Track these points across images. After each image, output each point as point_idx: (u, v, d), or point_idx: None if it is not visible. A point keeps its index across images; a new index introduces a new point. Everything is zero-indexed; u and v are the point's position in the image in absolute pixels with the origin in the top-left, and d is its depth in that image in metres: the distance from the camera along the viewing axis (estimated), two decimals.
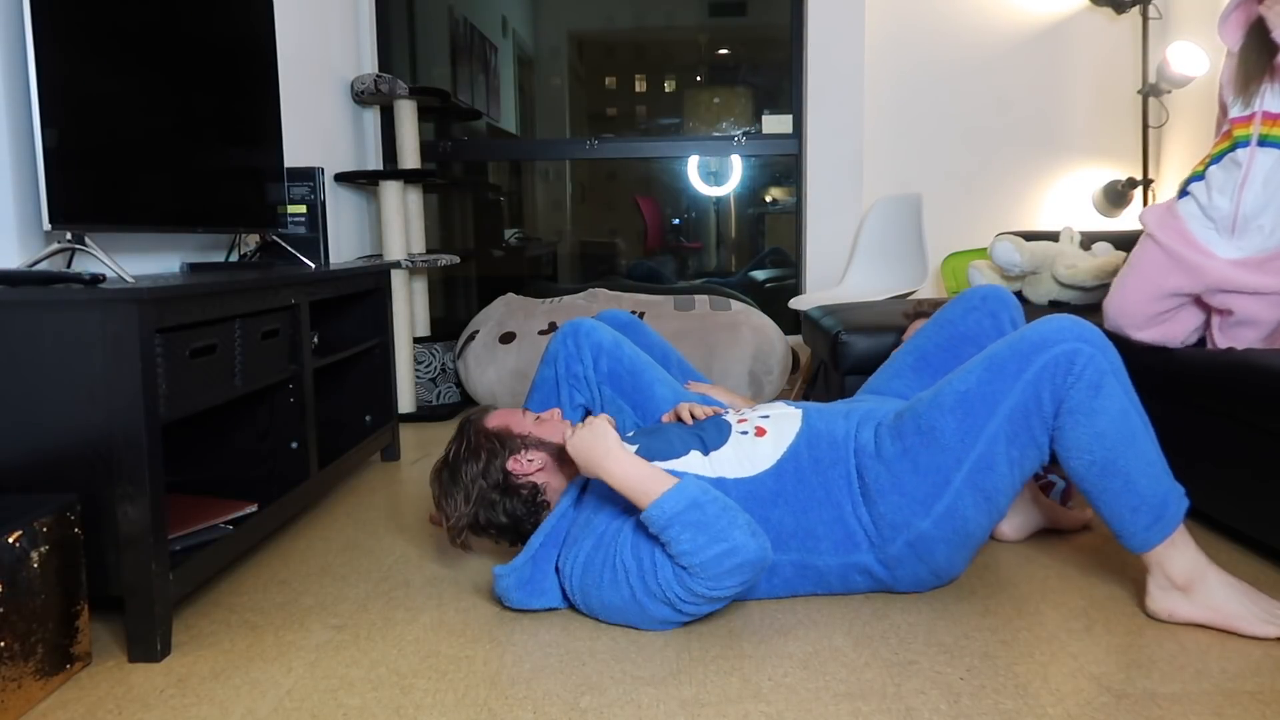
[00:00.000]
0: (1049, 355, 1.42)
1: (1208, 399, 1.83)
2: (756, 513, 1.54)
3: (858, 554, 1.53)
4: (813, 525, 1.53)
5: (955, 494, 1.47)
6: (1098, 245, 2.80)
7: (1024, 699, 1.26)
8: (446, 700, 1.29)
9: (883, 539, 1.51)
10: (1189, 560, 1.46)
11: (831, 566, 1.55)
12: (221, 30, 2.09)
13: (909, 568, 1.53)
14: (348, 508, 2.21)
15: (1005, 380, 1.44)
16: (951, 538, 1.50)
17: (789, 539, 1.54)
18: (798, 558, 1.55)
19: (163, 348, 1.47)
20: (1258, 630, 1.40)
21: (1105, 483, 1.43)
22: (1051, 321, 1.46)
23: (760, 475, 1.56)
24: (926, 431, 1.48)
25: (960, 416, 1.46)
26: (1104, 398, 1.40)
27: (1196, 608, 1.45)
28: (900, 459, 1.50)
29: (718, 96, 4.13)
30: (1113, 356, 1.44)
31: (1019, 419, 1.44)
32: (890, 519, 1.50)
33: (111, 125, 1.72)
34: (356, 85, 3.31)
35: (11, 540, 1.24)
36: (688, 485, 1.40)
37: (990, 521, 1.51)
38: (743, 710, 1.24)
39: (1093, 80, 3.61)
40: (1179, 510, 1.45)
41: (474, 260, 4.17)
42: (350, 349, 2.36)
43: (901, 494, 1.49)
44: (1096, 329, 1.45)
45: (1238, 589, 1.45)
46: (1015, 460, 1.46)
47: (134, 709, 1.28)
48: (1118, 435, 1.41)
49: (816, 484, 1.54)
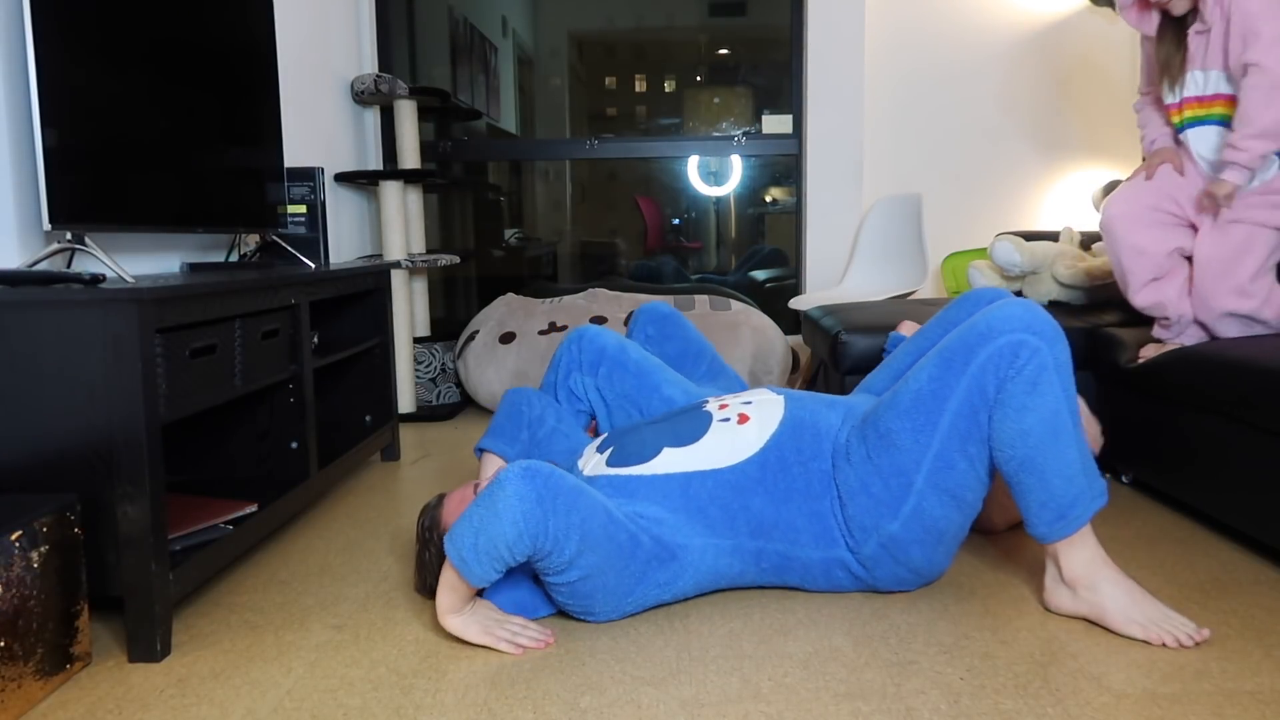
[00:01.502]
0: (994, 346, 1.41)
1: (1208, 399, 1.83)
2: (737, 501, 1.54)
3: (837, 549, 1.54)
4: (793, 517, 1.54)
5: (919, 495, 1.47)
6: (1098, 245, 2.80)
7: (1024, 699, 1.26)
8: (446, 700, 1.29)
9: (855, 540, 1.52)
10: (1084, 560, 1.47)
11: (814, 560, 1.55)
12: (221, 30, 2.09)
13: (887, 568, 1.54)
14: (348, 508, 2.21)
15: (953, 375, 1.44)
16: (924, 538, 1.50)
17: (770, 529, 1.54)
18: (782, 548, 1.55)
19: (163, 348, 1.47)
20: (1124, 629, 1.42)
21: (1021, 477, 1.44)
22: (1001, 309, 1.44)
23: (743, 463, 1.56)
24: (885, 435, 1.49)
25: (913, 418, 1.46)
26: (1038, 395, 1.40)
27: (1080, 603, 1.48)
28: (864, 463, 1.50)
29: (718, 96, 4.13)
30: (1059, 350, 1.42)
31: (967, 414, 1.43)
32: (860, 521, 1.51)
33: (112, 125, 1.72)
34: (356, 85, 3.31)
35: (12, 540, 1.24)
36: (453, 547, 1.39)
37: (964, 518, 1.51)
38: (743, 710, 1.24)
39: (1093, 80, 3.61)
40: (1085, 513, 1.45)
41: (474, 260, 4.17)
42: (350, 349, 2.36)
43: (869, 497, 1.50)
44: (1049, 319, 1.43)
45: (1124, 589, 1.45)
46: (974, 457, 1.45)
47: (134, 709, 1.28)
48: (1042, 435, 1.41)
49: (799, 474, 1.55)
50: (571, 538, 1.37)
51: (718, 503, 1.55)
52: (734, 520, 1.55)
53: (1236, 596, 1.58)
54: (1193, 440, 1.90)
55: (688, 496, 1.56)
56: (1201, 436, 1.87)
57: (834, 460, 1.55)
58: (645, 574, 1.48)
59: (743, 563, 1.56)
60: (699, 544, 1.54)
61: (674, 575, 1.51)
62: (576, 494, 1.39)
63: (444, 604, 1.44)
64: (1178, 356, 1.94)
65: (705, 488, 1.56)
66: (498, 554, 1.36)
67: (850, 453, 1.53)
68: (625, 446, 1.65)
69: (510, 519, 1.33)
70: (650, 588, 1.50)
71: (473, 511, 1.38)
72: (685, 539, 1.53)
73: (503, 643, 1.42)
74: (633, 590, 1.48)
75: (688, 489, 1.56)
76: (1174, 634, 1.39)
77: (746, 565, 1.57)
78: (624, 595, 1.48)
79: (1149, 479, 2.07)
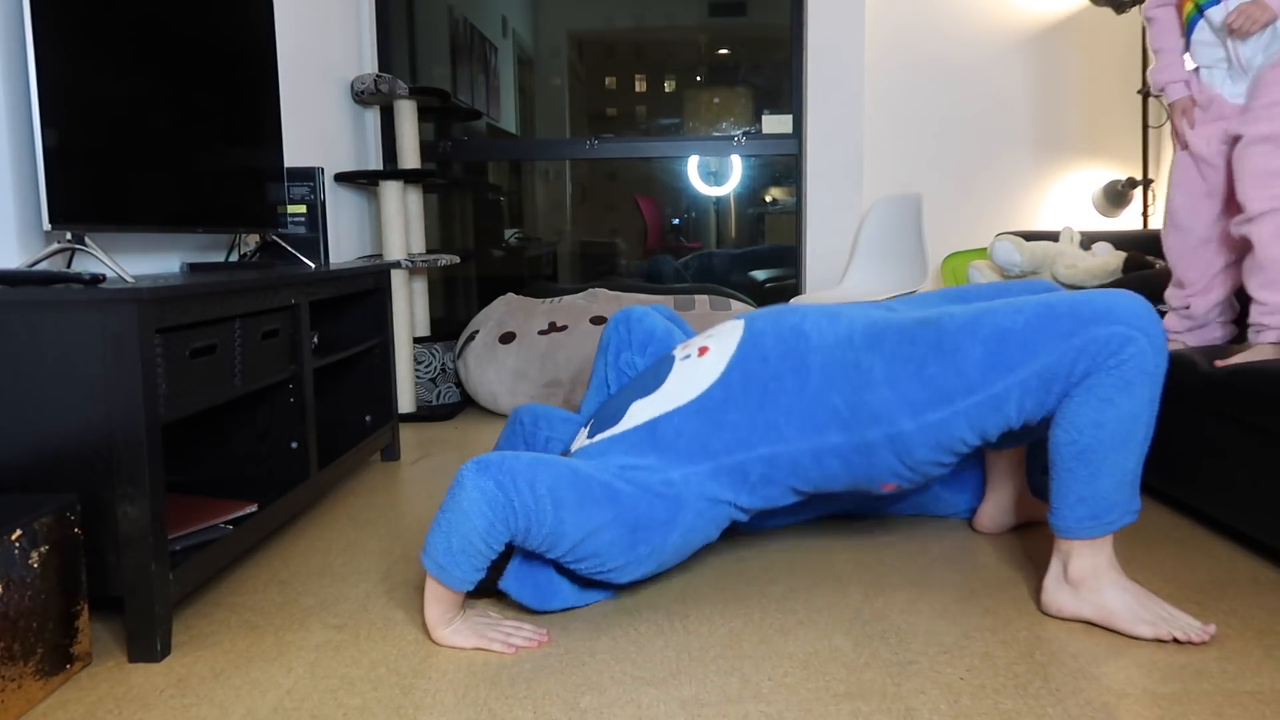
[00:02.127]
0: (1105, 330, 1.37)
1: (1208, 399, 1.82)
2: (710, 424, 1.54)
3: (827, 436, 1.51)
4: (770, 416, 1.53)
5: (953, 414, 1.44)
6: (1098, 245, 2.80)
7: (1024, 699, 1.26)
8: (446, 700, 1.29)
9: (858, 423, 1.49)
10: (1092, 564, 1.46)
11: (803, 451, 1.52)
12: (221, 30, 2.09)
13: (883, 458, 1.51)
14: (348, 508, 2.21)
15: (1051, 337, 1.40)
16: (934, 447, 1.48)
17: (749, 435, 1.53)
18: (766, 451, 1.53)
19: (163, 348, 1.47)
20: (1133, 629, 1.42)
21: (1073, 465, 1.43)
22: (1121, 299, 1.40)
23: (707, 390, 1.56)
24: (949, 349, 1.45)
25: (992, 351, 1.42)
26: (1127, 395, 1.38)
27: (1082, 604, 1.47)
28: (904, 361, 1.47)
29: (718, 96, 4.13)
30: (1161, 360, 1.39)
31: (1045, 378, 1.40)
32: (872, 408, 1.48)
33: (112, 125, 1.72)
34: (356, 85, 3.31)
35: (12, 540, 1.24)
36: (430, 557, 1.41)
37: (970, 447, 1.49)
38: (743, 710, 1.24)
39: (1093, 80, 3.61)
40: (1117, 522, 1.44)
41: (474, 260, 4.17)
42: (350, 349, 2.36)
43: (894, 390, 1.46)
44: (1162, 327, 1.40)
45: (1129, 591, 1.45)
46: (1024, 409, 1.43)
47: (134, 709, 1.28)
48: (1114, 433, 1.39)
49: (767, 376, 1.54)
50: (544, 507, 1.37)
51: (686, 435, 1.55)
52: (707, 445, 1.54)
53: (1236, 596, 1.58)
54: (1193, 440, 1.90)
55: (656, 440, 1.57)
56: (1202, 436, 1.87)
57: (827, 351, 1.52)
58: (641, 516, 1.46)
59: (732, 483, 1.55)
60: (679, 475, 1.53)
61: (672, 511, 1.50)
62: (535, 466, 1.39)
63: (433, 617, 1.45)
64: (1176, 359, 1.94)
65: (671, 426, 1.57)
66: (475, 550, 1.37)
67: (881, 344, 1.49)
68: (601, 416, 1.67)
69: (477, 511, 1.35)
70: (654, 530, 1.47)
71: (440, 518, 1.40)
72: (664, 474, 1.53)
73: (496, 643, 1.43)
74: (636, 537, 1.46)
75: (654, 433, 1.57)
76: (1184, 631, 1.39)
77: (736, 485, 1.55)
78: (630, 545, 1.46)
79: (1149, 479, 2.07)
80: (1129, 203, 3.52)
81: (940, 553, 1.82)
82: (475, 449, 2.79)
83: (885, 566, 1.76)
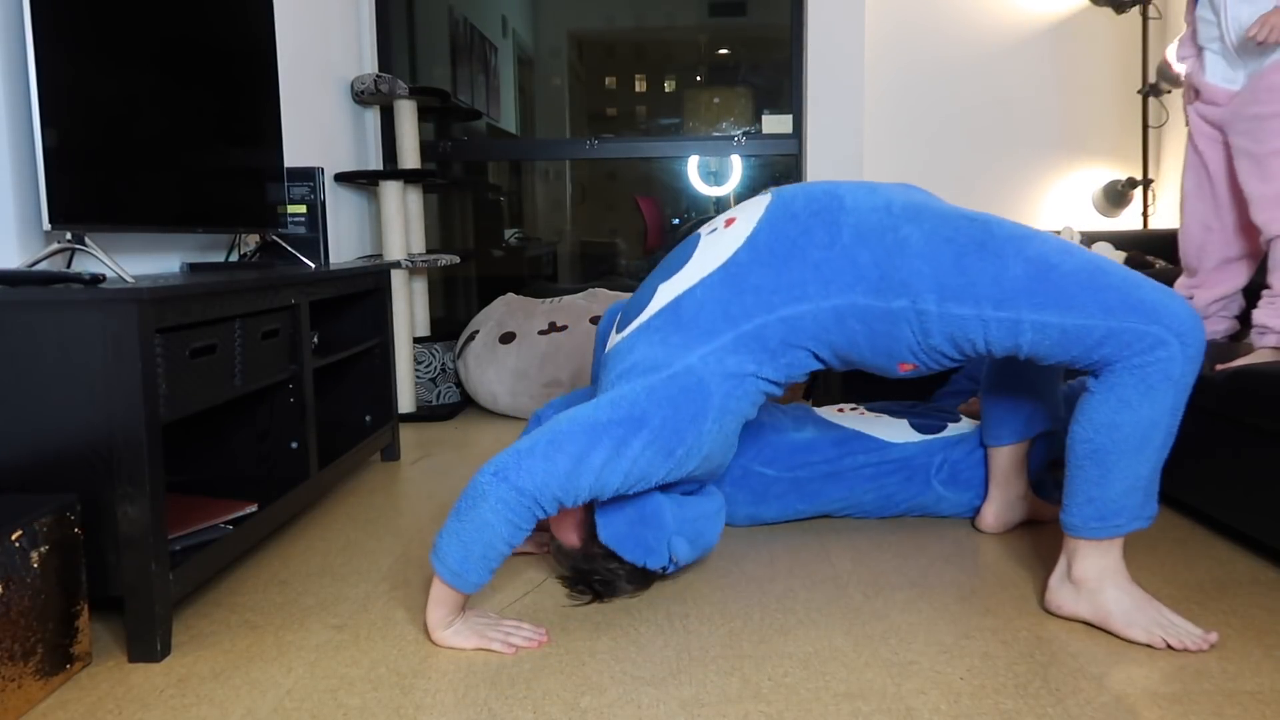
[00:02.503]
0: (1143, 326, 1.35)
1: (1209, 399, 1.82)
2: (732, 290, 1.50)
3: (851, 295, 1.46)
4: (796, 274, 1.49)
5: (975, 317, 1.41)
6: (1098, 245, 2.80)
7: (1024, 699, 1.26)
8: (446, 700, 1.29)
9: (886, 289, 1.44)
10: (1097, 566, 1.45)
11: (825, 311, 1.48)
12: (221, 30, 2.09)
13: (904, 332, 1.46)
14: (348, 508, 2.21)
15: (1091, 302, 1.37)
16: (949, 339, 1.44)
17: (771, 297, 1.49)
18: (787, 312, 1.49)
19: (163, 348, 1.47)
20: (1126, 632, 1.41)
21: (1085, 464, 1.42)
22: (1172, 301, 1.37)
23: (732, 257, 1.53)
24: (993, 253, 1.41)
25: (1032, 276, 1.39)
26: (1148, 400, 1.36)
27: (1081, 604, 1.46)
28: (945, 241, 1.43)
29: (718, 96, 4.13)
30: (1190, 370, 1.37)
31: (1070, 336, 1.38)
32: (903, 277, 1.43)
33: (112, 125, 1.72)
34: (356, 85, 3.31)
35: (12, 540, 1.24)
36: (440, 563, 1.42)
37: (978, 353, 1.46)
38: (743, 710, 1.24)
39: (1093, 80, 3.61)
40: (1126, 526, 1.43)
41: (474, 260, 4.17)
42: (350, 349, 2.36)
43: (930, 266, 1.42)
44: (1202, 338, 1.38)
45: (1129, 595, 1.44)
46: (1035, 348, 1.41)
47: (134, 709, 1.28)
48: (1129, 436, 1.38)
49: (796, 233, 1.50)
50: (581, 477, 1.39)
51: (708, 307, 1.52)
52: (728, 312, 1.51)
53: (1236, 596, 1.58)
54: (1193, 440, 1.90)
55: (679, 318, 1.53)
56: (1202, 437, 1.87)
57: (861, 213, 1.48)
58: (667, 423, 1.43)
59: (752, 352, 1.50)
60: (698, 357, 1.50)
61: (698, 402, 1.46)
62: (550, 446, 1.39)
63: (434, 619, 1.45)
64: None
65: (694, 300, 1.53)
66: (497, 554, 1.38)
67: (921, 220, 1.46)
68: (630, 306, 1.64)
69: (501, 520, 1.37)
70: (686, 429, 1.44)
71: (456, 527, 1.39)
72: (683, 362, 1.49)
73: (496, 643, 1.43)
74: (672, 443, 1.43)
75: (678, 312, 1.54)
76: (1179, 638, 1.38)
77: (758, 353, 1.51)
78: (668, 453, 1.43)
79: None
80: (1129, 203, 3.53)
81: (940, 553, 1.82)
82: (475, 449, 2.79)
83: (885, 566, 1.76)
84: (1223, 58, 2.02)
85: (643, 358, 1.53)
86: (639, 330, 1.58)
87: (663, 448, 1.43)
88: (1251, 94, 1.93)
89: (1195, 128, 2.08)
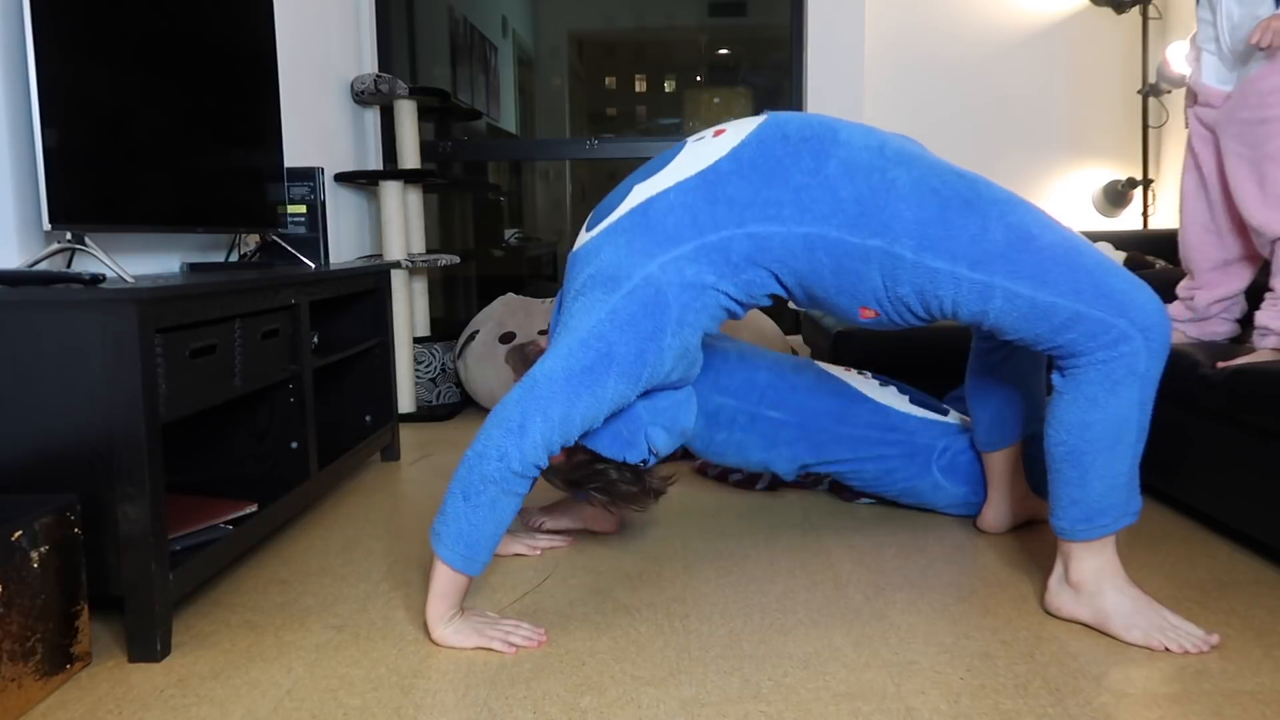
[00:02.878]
0: (1109, 318, 1.35)
1: (1209, 399, 1.82)
2: (706, 197, 1.48)
3: (825, 227, 1.43)
4: (775, 193, 1.45)
5: (950, 274, 1.39)
6: (1098, 245, 2.80)
7: (1024, 699, 1.26)
8: (446, 700, 1.29)
9: (863, 226, 1.41)
10: (1095, 566, 1.45)
11: (795, 236, 1.45)
12: (221, 30, 2.09)
13: (872, 273, 1.44)
14: (348, 508, 2.21)
15: (1065, 283, 1.36)
16: (917, 292, 1.42)
17: (744, 211, 1.46)
18: (756, 229, 1.46)
19: (163, 348, 1.47)
20: (1125, 634, 1.41)
21: (1063, 467, 1.42)
22: (1139, 295, 1.36)
23: (714, 164, 1.50)
24: (978, 213, 1.39)
25: (1009, 248, 1.37)
26: (1114, 396, 1.37)
27: (1081, 607, 1.46)
28: (932, 192, 1.41)
29: (718, 96, 4.13)
30: (1154, 364, 1.37)
31: (1037, 312, 1.37)
32: (884, 219, 1.40)
33: (111, 125, 1.72)
34: (356, 85, 3.31)
35: (12, 540, 1.24)
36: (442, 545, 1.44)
37: (943, 315, 1.45)
38: (743, 710, 1.24)
39: (1093, 80, 3.61)
40: (1113, 524, 1.43)
41: (474, 260, 4.17)
42: (350, 349, 2.36)
43: (913, 212, 1.40)
44: (1168, 335, 1.38)
45: (1129, 597, 1.43)
46: (1001, 319, 1.40)
47: (134, 709, 1.28)
48: (1101, 434, 1.38)
49: (783, 153, 1.47)
50: (572, 428, 1.43)
51: (676, 212, 1.49)
52: (696, 219, 1.48)
53: (1236, 596, 1.58)
54: (1193, 440, 1.90)
55: (647, 222, 1.50)
56: (1202, 436, 1.87)
57: (852, 149, 1.46)
58: (630, 350, 1.44)
59: (713, 263, 1.48)
60: (658, 265, 1.47)
61: (656, 317, 1.45)
62: (538, 413, 1.40)
63: (436, 614, 1.45)
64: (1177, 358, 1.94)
65: (665, 202, 1.50)
66: (504, 528, 1.44)
67: (912, 167, 1.43)
68: (602, 205, 1.62)
69: (513, 495, 1.42)
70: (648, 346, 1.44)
71: (464, 510, 1.41)
72: (642, 272, 1.47)
73: (496, 642, 1.43)
74: (637, 366, 1.44)
75: (647, 214, 1.51)
76: (1179, 641, 1.37)
77: (718, 266, 1.48)
78: (635, 378, 1.44)
79: (1149, 478, 2.07)
80: (1129, 203, 3.53)
81: (940, 553, 1.82)
82: None
83: (885, 566, 1.76)
84: (1218, 59, 2.02)
85: (606, 263, 1.50)
86: (607, 231, 1.55)
87: (631, 375, 1.45)
88: (1241, 97, 1.93)
89: (1193, 130, 2.08)
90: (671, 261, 1.47)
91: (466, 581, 1.45)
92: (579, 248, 1.60)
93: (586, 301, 1.48)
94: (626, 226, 1.52)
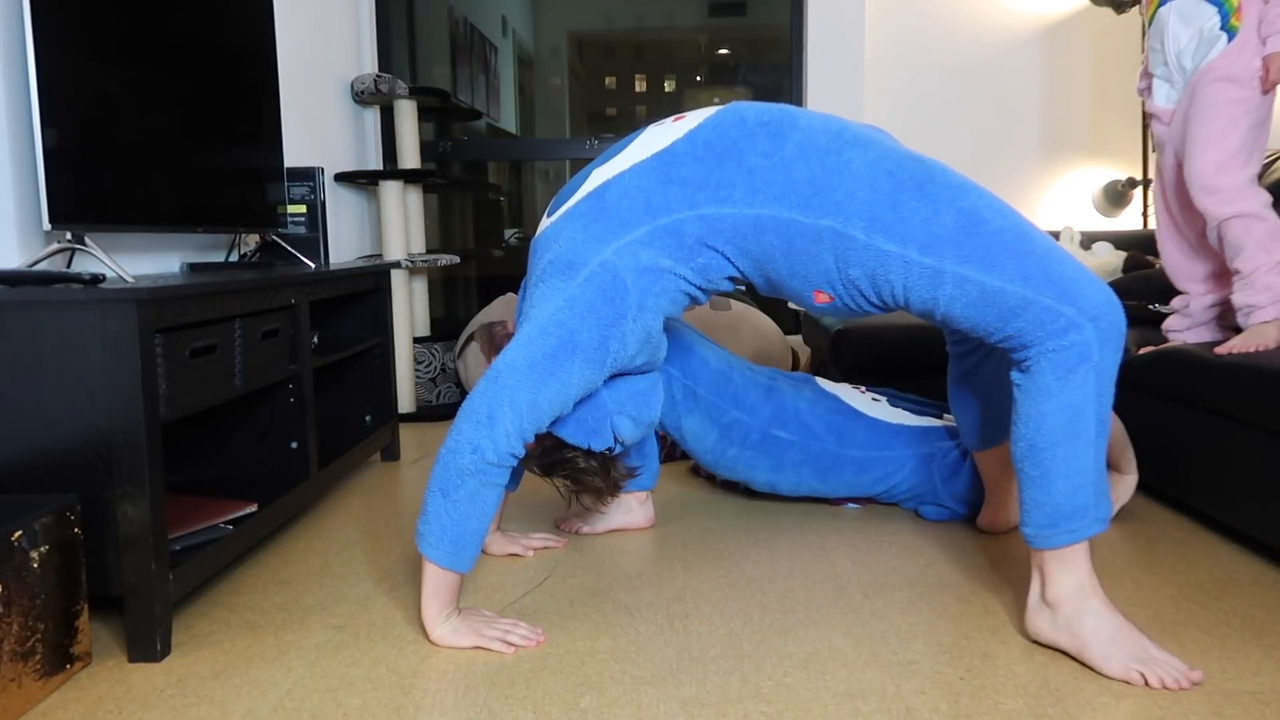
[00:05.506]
0: (1057, 305, 1.33)
1: (1208, 399, 1.83)
2: (660, 179, 1.48)
3: (775, 207, 1.42)
4: (728, 175, 1.45)
5: (900, 257, 1.37)
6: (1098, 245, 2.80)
7: (1024, 699, 1.26)
8: (446, 700, 1.29)
9: (816, 207, 1.40)
10: (1072, 584, 1.37)
11: (745, 219, 1.44)
12: (221, 30, 2.09)
13: (824, 254, 1.42)
14: (348, 508, 2.21)
15: (1014, 268, 1.34)
16: (869, 276, 1.41)
17: (696, 193, 1.46)
18: (708, 211, 1.45)
19: (163, 348, 1.47)
20: (1103, 665, 1.32)
21: (1024, 466, 1.38)
22: (1088, 284, 1.34)
23: (669, 146, 1.50)
24: (930, 197, 1.38)
25: (959, 231, 1.36)
26: (1068, 384, 1.33)
27: (1059, 631, 1.37)
28: (887, 174, 1.39)
29: (718, 96, 4.12)
30: (1107, 353, 1.34)
31: (986, 298, 1.35)
32: (836, 199, 1.39)
33: (111, 125, 1.72)
34: (356, 85, 3.31)
35: (12, 540, 1.24)
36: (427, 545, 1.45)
37: (895, 303, 1.44)
38: (743, 710, 1.24)
39: (1093, 80, 3.61)
40: (1081, 530, 1.36)
41: (474, 260, 4.17)
42: (350, 349, 2.36)
43: (866, 192, 1.38)
44: (1121, 327, 1.35)
45: (1109, 624, 1.34)
46: (951, 307, 1.38)
47: (134, 709, 1.28)
48: (1058, 427, 1.34)
49: (739, 135, 1.46)
50: (541, 416, 1.44)
51: (630, 195, 1.48)
52: (649, 202, 1.47)
53: (1236, 596, 1.58)
54: (1193, 440, 1.90)
55: (602, 205, 1.50)
56: (1202, 436, 1.87)
57: (810, 133, 1.45)
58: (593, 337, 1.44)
59: (666, 246, 1.47)
60: (612, 251, 1.47)
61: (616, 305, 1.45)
62: (505, 403, 1.41)
63: (431, 613, 1.45)
64: (1174, 357, 1.94)
65: (620, 186, 1.50)
66: (489, 521, 1.45)
67: (869, 149, 1.42)
68: (563, 193, 1.62)
69: (493, 487, 1.43)
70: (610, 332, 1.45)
71: (445, 507, 1.41)
72: (598, 258, 1.47)
73: (494, 642, 1.43)
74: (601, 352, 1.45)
75: (602, 199, 1.50)
76: (1159, 675, 1.28)
77: (672, 249, 1.48)
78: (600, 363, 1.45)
79: (1149, 479, 2.07)
80: (1129, 203, 3.53)
81: (940, 553, 1.82)
82: None
83: (885, 566, 1.76)
84: (1166, 81, 2.11)
85: (564, 249, 1.50)
86: (565, 216, 1.55)
87: (596, 361, 1.45)
88: (1188, 99, 2.03)
89: (1158, 150, 2.17)
90: (626, 246, 1.47)
91: (457, 579, 1.45)
92: (540, 234, 1.60)
93: (545, 289, 1.50)
94: (583, 211, 1.52)
